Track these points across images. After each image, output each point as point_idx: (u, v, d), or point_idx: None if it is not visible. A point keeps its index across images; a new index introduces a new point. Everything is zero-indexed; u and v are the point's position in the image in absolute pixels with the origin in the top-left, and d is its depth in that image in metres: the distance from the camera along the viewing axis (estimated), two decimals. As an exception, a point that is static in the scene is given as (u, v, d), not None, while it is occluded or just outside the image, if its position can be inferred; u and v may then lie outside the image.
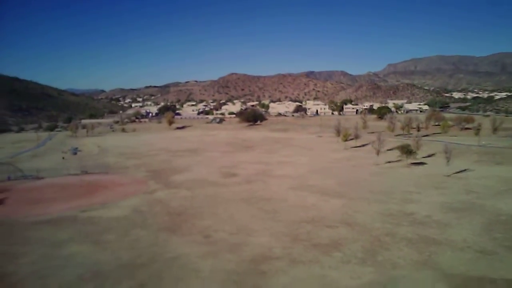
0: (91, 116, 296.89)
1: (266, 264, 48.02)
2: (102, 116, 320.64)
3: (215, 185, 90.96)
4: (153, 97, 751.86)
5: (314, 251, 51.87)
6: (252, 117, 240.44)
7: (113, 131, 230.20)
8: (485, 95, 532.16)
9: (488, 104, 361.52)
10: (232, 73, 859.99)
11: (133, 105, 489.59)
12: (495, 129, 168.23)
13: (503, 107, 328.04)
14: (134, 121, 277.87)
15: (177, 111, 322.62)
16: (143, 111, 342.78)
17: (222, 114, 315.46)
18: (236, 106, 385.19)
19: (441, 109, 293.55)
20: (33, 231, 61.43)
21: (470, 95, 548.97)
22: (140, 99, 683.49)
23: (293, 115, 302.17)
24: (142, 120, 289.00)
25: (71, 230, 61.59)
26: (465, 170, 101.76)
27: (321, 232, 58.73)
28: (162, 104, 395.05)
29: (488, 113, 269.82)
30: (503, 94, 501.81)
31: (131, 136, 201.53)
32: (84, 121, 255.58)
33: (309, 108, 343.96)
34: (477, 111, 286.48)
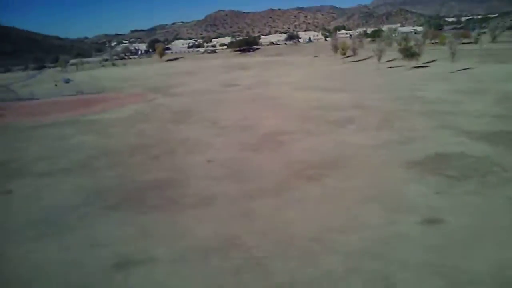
0: (79, 55, 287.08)
1: (282, 136, 46.79)
2: (89, 56, 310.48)
3: (216, 92, 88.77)
4: (139, 39, 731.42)
5: (328, 126, 50.64)
6: (245, 44, 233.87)
7: (103, 66, 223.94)
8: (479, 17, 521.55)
9: (484, 22, 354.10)
10: (219, 10, 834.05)
11: (120, 46, 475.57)
12: (494, 38, 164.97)
13: (498, 23, 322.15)
14: (123, 58, 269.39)
15: (167, 46, 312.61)
16: (132, 48, 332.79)
17: (214, 46, 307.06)
18: (226, 40, 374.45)
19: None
20: (36, 131, 59.60)
21: (464, 19, 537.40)
22: (127, 42, 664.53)
23: (285, 43, 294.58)
24: (131, 57, 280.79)
25: (74, 128, 59.89)
26: (468, 68, 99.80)
27: (332, 114, 57.27)
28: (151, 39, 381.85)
29: (484, 30, 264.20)
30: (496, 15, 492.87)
31: (122, 69, 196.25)
32: (72, 61, 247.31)
33: (300, 37, 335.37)
34: (473, 29, 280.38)
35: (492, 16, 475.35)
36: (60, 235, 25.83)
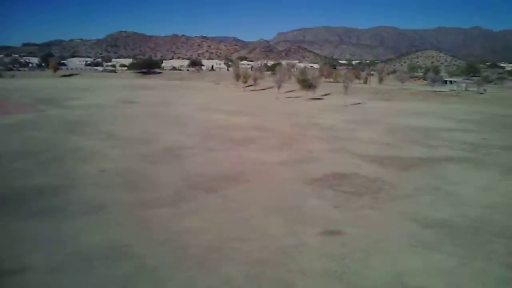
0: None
1: (182, 151, 45.33)
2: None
3: (114, 108, 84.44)
4: (31, 54, 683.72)
5: (229, 144, 50.22)
6: (147, 65, 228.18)
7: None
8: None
9: (371, 65, 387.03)
10: (121, 31, 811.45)
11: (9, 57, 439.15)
12: (381, 80, 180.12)
13: (384, 67, 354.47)
14: (11, 69, 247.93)
15: (62, 61, 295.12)
16: (22, 60, 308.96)
17: (113, 66, 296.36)
18: (127, 61, 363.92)
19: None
20: None
21: (354, 62, 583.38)
22: (17, 55, 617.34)
23: (188, 70, 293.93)
24: (21, 69, 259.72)
25: None
26: (360, 103, 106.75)
27: (233, 134, 57.09)
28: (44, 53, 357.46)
29: (372, 72, 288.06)
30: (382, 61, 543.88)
31: (9, 80, 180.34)
32: None
33: (203, 65, 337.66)
34: (363, 70, 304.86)
35: (377, 61, 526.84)
36: None
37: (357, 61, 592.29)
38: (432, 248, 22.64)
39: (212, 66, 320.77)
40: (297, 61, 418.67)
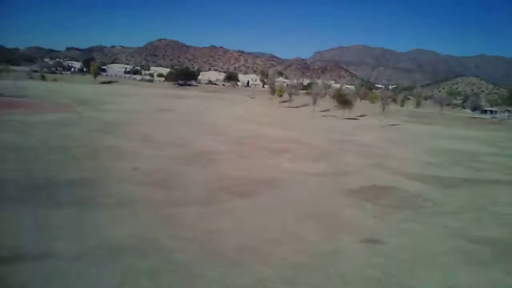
0: (6, 62, 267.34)
1: (215, 155, 44.64)
2: (17, 64, 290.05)
3: (149, 114, 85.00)
4: (74, 59, 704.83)
5: (263, 152, 49.30)
6: (184, 75, 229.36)
7: (30, 78, 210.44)
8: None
9: (409, 90, 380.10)
10: (161, 39, 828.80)
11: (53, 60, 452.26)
12: (418, 103, 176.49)
13: (421, 92, 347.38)
14: (54, 72, 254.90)
15: (103, 67, 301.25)
16: (65, 63, 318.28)
17: (151, 75, 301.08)
18: (165, 70, 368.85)
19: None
20: None
21: (391, 87, 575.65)
22: (61, 60, 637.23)
23: (223, 85, 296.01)
24: (63, 72, 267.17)
25: (-14, 124, 53.85)
26: (397, 124, 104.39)
27: (268, 144, 56.16)
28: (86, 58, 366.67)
29: (409, 97, 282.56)
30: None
31: (51, 83, 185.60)
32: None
33: (239, 80, 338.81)
34: (400, 92, 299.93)
35: (414, 87, 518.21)
36: None
37: (394, 86, 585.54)
38: (485, 265, 20.85)
39: (248, 81, 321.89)
40: (333, 81, 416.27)
